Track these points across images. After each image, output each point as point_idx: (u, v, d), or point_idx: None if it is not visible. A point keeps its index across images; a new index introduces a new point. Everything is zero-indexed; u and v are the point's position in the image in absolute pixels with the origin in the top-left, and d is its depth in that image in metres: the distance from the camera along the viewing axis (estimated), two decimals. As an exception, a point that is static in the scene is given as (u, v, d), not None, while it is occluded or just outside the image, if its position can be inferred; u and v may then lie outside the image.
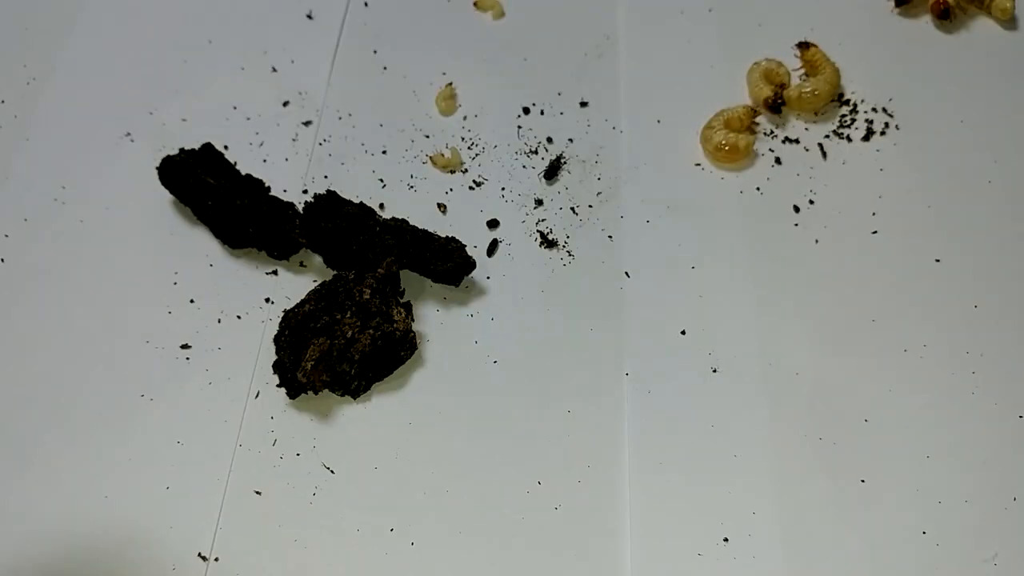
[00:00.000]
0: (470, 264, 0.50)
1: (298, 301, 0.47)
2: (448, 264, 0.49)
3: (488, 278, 0.52)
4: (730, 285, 0.51)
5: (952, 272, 0.52)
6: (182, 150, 0.54)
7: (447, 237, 0.51)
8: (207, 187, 0.52)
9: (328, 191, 0.51)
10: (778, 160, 0.56)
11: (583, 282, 0.52)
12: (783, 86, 0.58)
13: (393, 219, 0.51)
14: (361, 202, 0.52)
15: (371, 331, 0.46)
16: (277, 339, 0.47)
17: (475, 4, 0.64)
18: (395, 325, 0.47)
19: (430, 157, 0.56)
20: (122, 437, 0.46)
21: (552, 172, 0.56)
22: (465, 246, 0.50)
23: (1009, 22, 0.62)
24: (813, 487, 0.45)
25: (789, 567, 0.43)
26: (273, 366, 0.47)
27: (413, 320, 0.48)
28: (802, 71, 0.60)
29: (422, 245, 0.50)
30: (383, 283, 0.47)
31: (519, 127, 0.58)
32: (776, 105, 0.57)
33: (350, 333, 0.46)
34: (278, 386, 0.46)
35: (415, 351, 0.48)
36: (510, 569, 0.43)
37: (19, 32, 0.63)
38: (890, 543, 0.43)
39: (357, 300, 0.46)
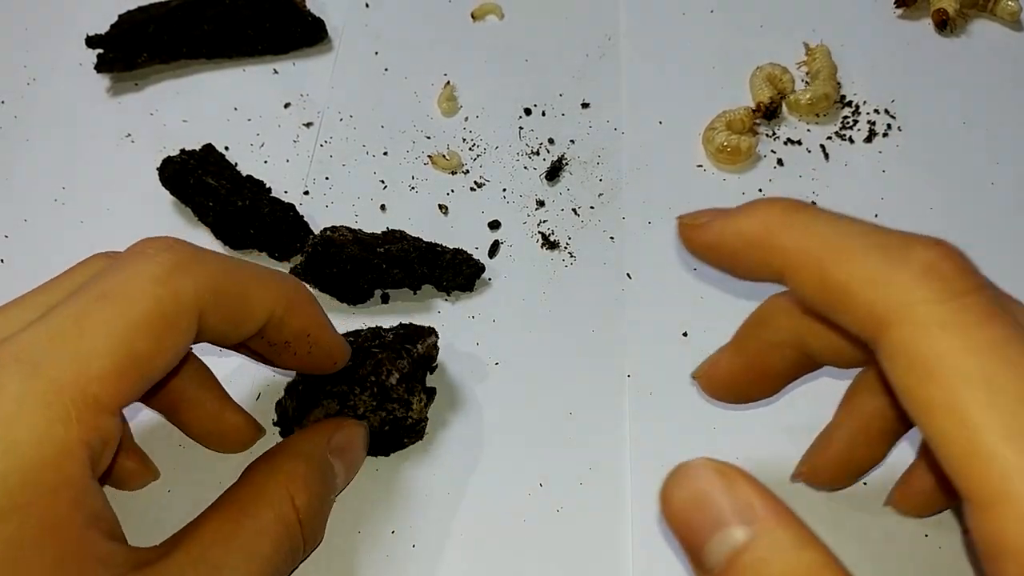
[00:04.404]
0: (480, 269, 0.50)
1: None
2: (459, 278, 0.50)
3: (489, 280, 0.52)
4: (732, 287, 0.51)
5: (955, 274, 0.51)
6: (183, 151, 0.53)
7: (453, 250, 0.50)
8: (208, 188, 0.51)
9: (324, 236, 0.49)
10: (780, 161, 0.56)
11: (585, 283, 0.51)
12: (782, 95, 0.58)
13: (391, 234, 0.51)
14: (357, 235, 0.50)
15: (384, 414, 0.43)
16: (290, 388, 0.44)
17: (472, 15, 0.64)
18: (410, 413, 0.44)
19: (430, 158, 0.56)
20: (122, 438, 0.46)
21: (553, 173, 0.56)
22: (471, 255, 0.50)
23: (1013, 24, 0.62)
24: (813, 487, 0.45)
25: (792, 570, 0.43)
26: (276, 405, 0.45)
27: (430, 406, 0.46)
28: (805, 72, 0.60)
29: (431, 265, 0.49)
30: (416, 366, 0.44)
31: (520, 128, 0.58)
32: (770, 113, 0.57)
33: (362, 410, 0.42)
34: (274, 423, 0.45)
35: (420, 440, 0.46)
36: (511, 571, 0.42)
37: (19, 32, 0.63)
38: (891, 544, 0.43)
39: (382, 381, 0.43)
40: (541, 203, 0.55)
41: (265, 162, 0.56)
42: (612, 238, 0.53)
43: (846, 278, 0.27)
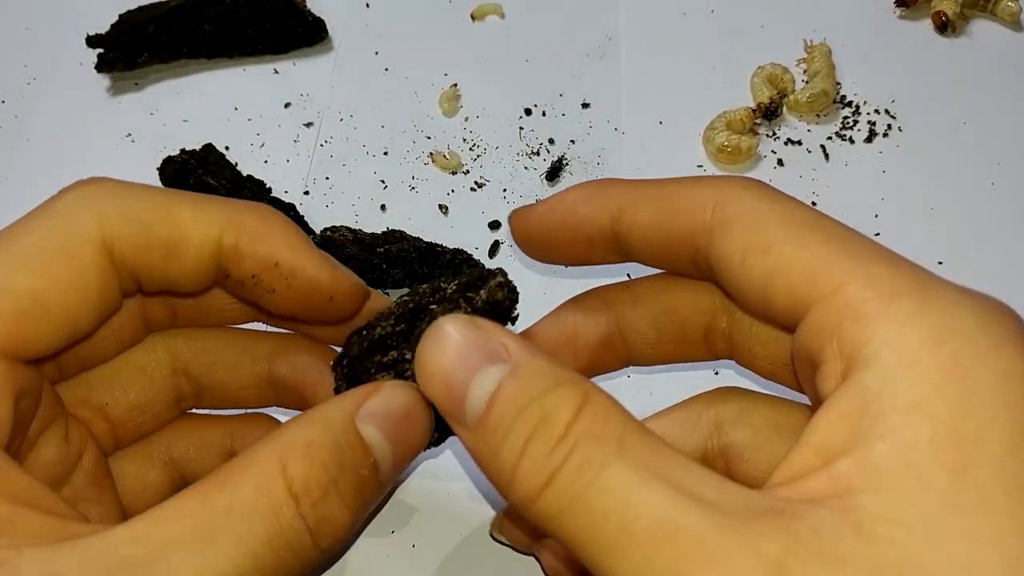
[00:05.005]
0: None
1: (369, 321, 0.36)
2: None
3: (490, 279, 0.51)
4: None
5: (955, 275, 0.51)
6: (183, 151, 0.53)
7: (453, 250, 0.50)
8: (208, 188, 0.51)
9: (324, 236, 0.49)
10: (780, 162, 0.56)
11: (585, 284, 0.51)
12: (783, 95, 0.58)
13: (391, 234, 0.51)
14: (357, 235, 0.50)
15: None
16: (337, 364, 0.36)
17: (472, 16, 0.64)
18: None
19: (431, 155, 0.56)
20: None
21: (554, 173, 0.56)
22: (471, 255, 0.50)
23: (1013, 24, 0.62)
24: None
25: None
26: (334, 391, 0.36)
27: None
28: (803, 71, 0.60)
29: (431, 265, 0.49)
30: (481, 316, 0.34)
31: (521, 128, 0.58)
32: (770, 113, 0.57)
33: None
34: None
35: None
36: (512, 572, 0.42)
37: (19, 32, 0.63)
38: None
39: None
40: (541, 203, 0.55)
41: (265, 162, 0.56)
42: (612, 238, 0.53)
43: (681, 186, 0.30)
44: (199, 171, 0.52)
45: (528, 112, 0.59)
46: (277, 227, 0.33)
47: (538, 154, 0.57)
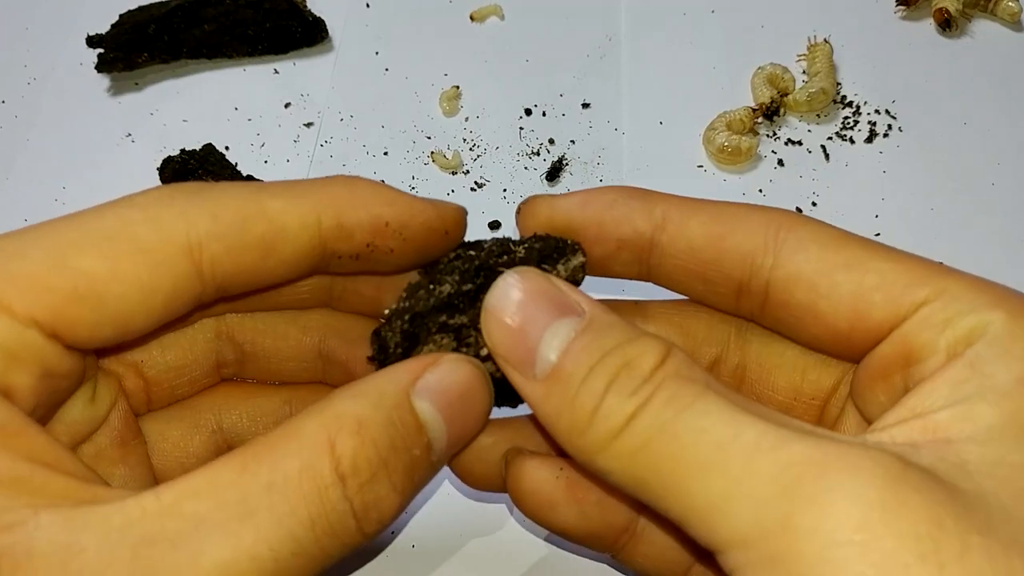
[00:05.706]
0: None
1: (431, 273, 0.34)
2: None
3: (490, 279, 0.51)
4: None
5: (955, 274, 0.51)
6: (183, 151, 0.53)
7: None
8: (208, 188, 0.51)
9: None
10: (781, 162, 0.56)
11: (584, 285, 0.51)
12: (784, 94, 0.58)
13: None
14: None
15: None
16: (392, 317, 0.32)
17: (471, 17, 0.64)
18: None
19: (432, 155, 0.56)
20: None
21: (554, 173, 0.56)
22: None
23: (1013, 24, 0.62)
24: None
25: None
26: (372, 336, 0.32)
27: None
28: (803, 72, 0.60)
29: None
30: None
31: (521, 128, 0.58)
32: (770, 113, 0.57)
33: (485, 351, 0.31)
34: (370, 359, 0.33)
35: None
36: (512, 572, 0.42)
37: (19, 32, 0.63)
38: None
39: None
40: (541, 203, 0.55)
41: (265, 162, 0.56)
42: (612, 238, 0.53)
43: (733, 206, 0.31)
44: (199, 171, 0.52)
45: (528, 112, 0.59)
46: (370, 189, 0.31)
47: (538, 154, 0.57)
